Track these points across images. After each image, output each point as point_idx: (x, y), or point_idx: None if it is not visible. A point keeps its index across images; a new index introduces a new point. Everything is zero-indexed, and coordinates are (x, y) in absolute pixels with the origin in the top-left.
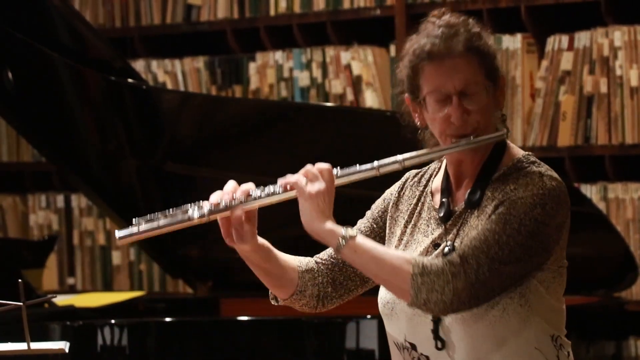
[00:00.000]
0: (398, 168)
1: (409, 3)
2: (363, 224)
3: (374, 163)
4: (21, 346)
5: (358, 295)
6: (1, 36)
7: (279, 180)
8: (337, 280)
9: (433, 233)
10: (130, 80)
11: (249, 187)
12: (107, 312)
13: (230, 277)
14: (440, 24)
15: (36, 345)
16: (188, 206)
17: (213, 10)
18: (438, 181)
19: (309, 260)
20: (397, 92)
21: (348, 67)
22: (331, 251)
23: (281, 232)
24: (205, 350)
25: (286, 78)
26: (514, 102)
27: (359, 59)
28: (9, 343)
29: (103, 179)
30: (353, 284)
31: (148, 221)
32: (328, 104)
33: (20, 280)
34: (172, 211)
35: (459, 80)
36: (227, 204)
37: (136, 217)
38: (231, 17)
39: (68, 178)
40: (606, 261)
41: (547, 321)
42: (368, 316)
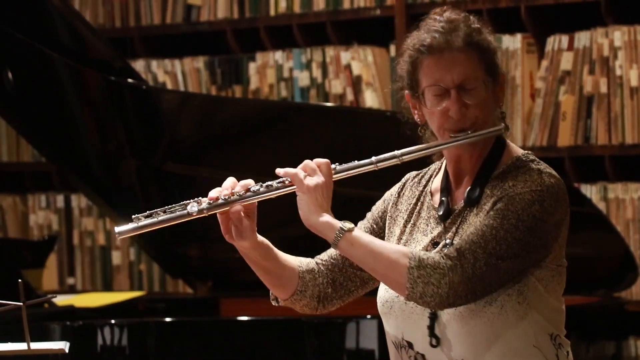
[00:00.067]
0: (396, 163)
1: (409, 3)
2: (363, 225)
3: (372, 158)
4: (21, 346)
5: (358, 296)
6: (1, 36)
7: (278, 170)
8: (337, 281)
9: (432, 232)
10: (130, 80)
11: (248, 183)
12: (107, 312)
13: (230, 277)
14: (440, 20)
15: (36, 345)
16: (187, 202)
17: (213, 10)
18: (438, 181)
19: (310, 260)
20: (397, 89)
21: (348, 67)
22: (331, 252)
23: (281, 232)
24: (205, 350)
25: (286, 78)
26: (514, 102)
27: (359, 59)
28: (9, 343)
29: (103, 179)
30: (353, 285)
31: (147, 217)
32: (328, 104)
33: (20, 280)
34: (171, 206)
35: (458, 74)
36: (226, 199)
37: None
38: (231, 17)
39: (68, 178)
40: (606, 261)
41: (546, 319)
42: (368, 316)
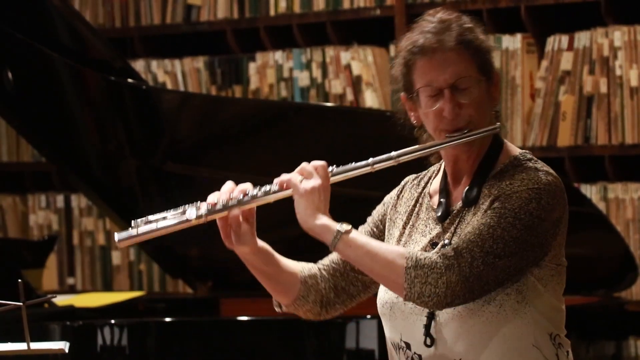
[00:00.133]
0: (392, 164)
1: (409, 3)
2: (364, 229)
3: (369, 160)
4: (21, 346)
5: (361, 301)
6: (1, 36)
7: (275, 179)
8: (339, 285)
9: (431, 232)
10: (130, 80)
11: (246, 187)
12: (107, 312)
13: (230, 277)
14: (433, 20)
15: (36, 345)
16: (186, 207)
17: (213, 10)
18: (437, 183)
19: (312, 266)
20: (395, 91)
21: (348, 67)
22: (333, 257)
23: (280, 233)
24: (205, 350)
25: (286, 78)
26: (514, 102)
27: (359, 59)
28: (9, 343)
29: (103, 179)
30: (355, 289)
31: (147, 223)
32: (328, 104)
33: (20, 280)
34: (170, 212)
35: (450, 73)
36: (224, 204)
37: (135, 219)
38: (231, 17)
39: (68, 178)
40: (606, 261)
41: (546, 319)
42: (368, 316)
